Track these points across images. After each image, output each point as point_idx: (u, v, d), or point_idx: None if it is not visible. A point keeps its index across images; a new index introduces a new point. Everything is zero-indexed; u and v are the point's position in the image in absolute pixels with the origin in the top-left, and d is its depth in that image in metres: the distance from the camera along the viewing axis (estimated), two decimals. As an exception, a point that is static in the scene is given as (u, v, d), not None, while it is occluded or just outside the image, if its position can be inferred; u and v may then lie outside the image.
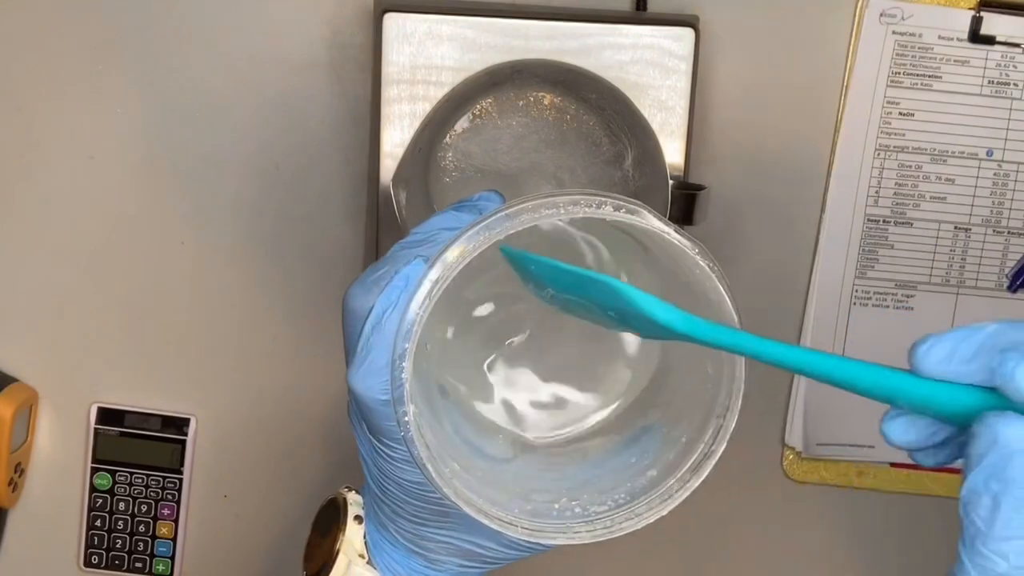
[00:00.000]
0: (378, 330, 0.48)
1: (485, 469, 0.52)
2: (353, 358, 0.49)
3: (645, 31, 0.67)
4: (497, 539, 0.53)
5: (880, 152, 0.74)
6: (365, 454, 0.53)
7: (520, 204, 0.46)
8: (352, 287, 0.51)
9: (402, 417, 0.47)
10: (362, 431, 0.52)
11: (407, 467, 0.51)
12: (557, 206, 0.46)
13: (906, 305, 0.76)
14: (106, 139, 0.74)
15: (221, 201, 0.75)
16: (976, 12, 0.72)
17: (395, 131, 0.67)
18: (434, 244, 0.50)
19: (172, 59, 0.73)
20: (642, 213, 0.46)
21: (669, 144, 0.68)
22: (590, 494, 0.50)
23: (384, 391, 0.48)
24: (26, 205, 0.75)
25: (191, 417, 0.77)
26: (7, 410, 0.74)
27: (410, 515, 0.53)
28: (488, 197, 0.53)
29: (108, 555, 0.79)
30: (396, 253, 0.51)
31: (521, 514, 0.49)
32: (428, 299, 0.46)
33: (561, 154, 0.70)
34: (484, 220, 0.47)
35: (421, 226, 0.52)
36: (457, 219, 0.51)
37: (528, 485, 0.51)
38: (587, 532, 0.49)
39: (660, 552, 0.80)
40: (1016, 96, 0.73)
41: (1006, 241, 0.75)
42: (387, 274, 0.49)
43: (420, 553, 0.55)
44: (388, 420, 0.49)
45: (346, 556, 0.55)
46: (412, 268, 0.48)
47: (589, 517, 0.49)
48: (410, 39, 0.66)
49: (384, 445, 0.50)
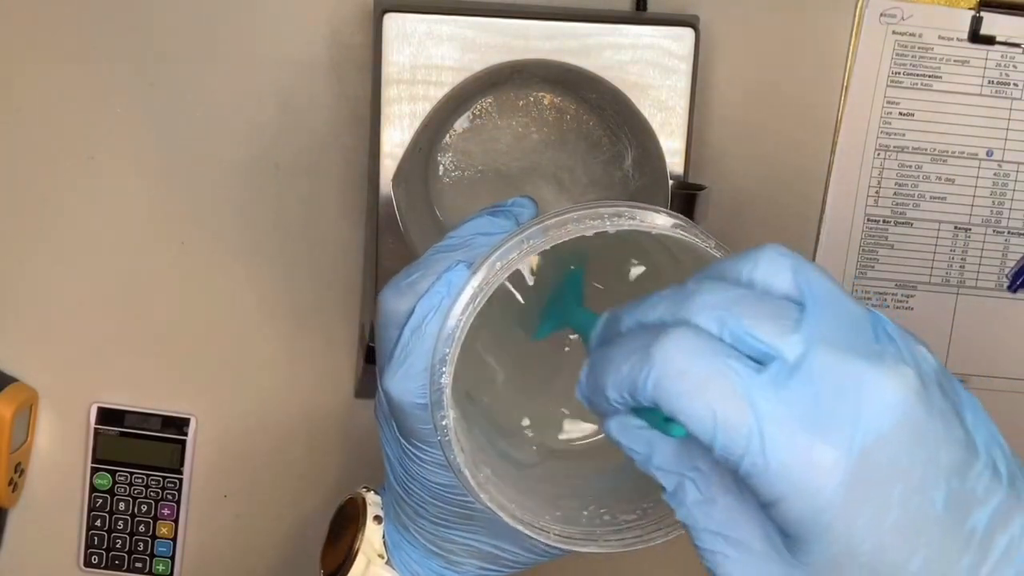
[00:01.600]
0: (418, 334, 0.48)
1: (514, 474, 0.51)
2: (390, 361, 0.49)
3: (645, 31, 0.67)
4: (520, 543, 0.53)
5: (880, 152, 0.74)
6: (391, 454, 0.53)
7: (564, 214, 0.46)
8: (386, 290, 0.50)
9: (440, 421, 0.47)
10: (390, 431, 0.52)
11: (435, 469, 0.50)
12: (602, 217, 0.46)
13: (906, 305, 0.76)
14: (106, 139, 0.74)
15: (221, 201, 0.75)
16: (976, 12, 0.72)
17: (395, 131, 0.67)
18: (470, 249, 0.49)
19: (172, 59, 0.73)
20: (690, 228, 0.46)
21: (669, 144, 0.68)
22: (618, 502, 0.50)
23: (421, 395, 0.48)
24: (26, 205, 0.75)
25: (191, 417, 0.77)
26: (7, 410, 0.74)
27: (433, 516, 0.53)
28: (522, 203, 0.52)
29: (108, 555, 0.79)
30: (431, 257, 0.50)
31: (552, 521, 0.49)
32: (472, 305, 0.46)
33: (561, 154, 0.70)
34: (529, 228, 0.46)
35: (456, 230, 0.51)
36: (493, 224, 0.51)
37: (555, 491, 0.51)
38: (617, 541, 0.49)
39: (660, 552, 0.80)
40: (1016, 96, 0.73)
41: (1006, 241, 0.75)
42: (422, 278, 0.49)
43: (440, 554, 0.54)
44: (422, 423, 0.49)
45: (365, 556, 0.55)
46: (455, 274, 0.48)
47: (619, 525, 0.49)
48: (410, 39, 0.66)
49: (414, 447, 0.50)
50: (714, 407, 0.35)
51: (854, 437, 0.35)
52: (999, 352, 0.77)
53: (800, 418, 0.35)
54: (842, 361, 0.35)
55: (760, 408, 0.35)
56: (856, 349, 0.36)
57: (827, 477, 0.35)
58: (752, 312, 0.37)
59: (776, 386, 0.35)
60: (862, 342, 0.36)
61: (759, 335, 0.36)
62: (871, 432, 0.35)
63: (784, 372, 0.36)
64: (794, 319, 0.36)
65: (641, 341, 0.37)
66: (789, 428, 0.35)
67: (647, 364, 0.37)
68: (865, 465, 0.35)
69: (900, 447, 0.35)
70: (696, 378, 0.36)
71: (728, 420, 0.35)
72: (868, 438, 0.35)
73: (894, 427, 0.35)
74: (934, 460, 0.36)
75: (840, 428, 0.35)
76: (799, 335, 0.36)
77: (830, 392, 0.35)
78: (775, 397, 0.35)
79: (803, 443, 0.35)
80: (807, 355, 0.36)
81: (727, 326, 0.36)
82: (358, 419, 0.78)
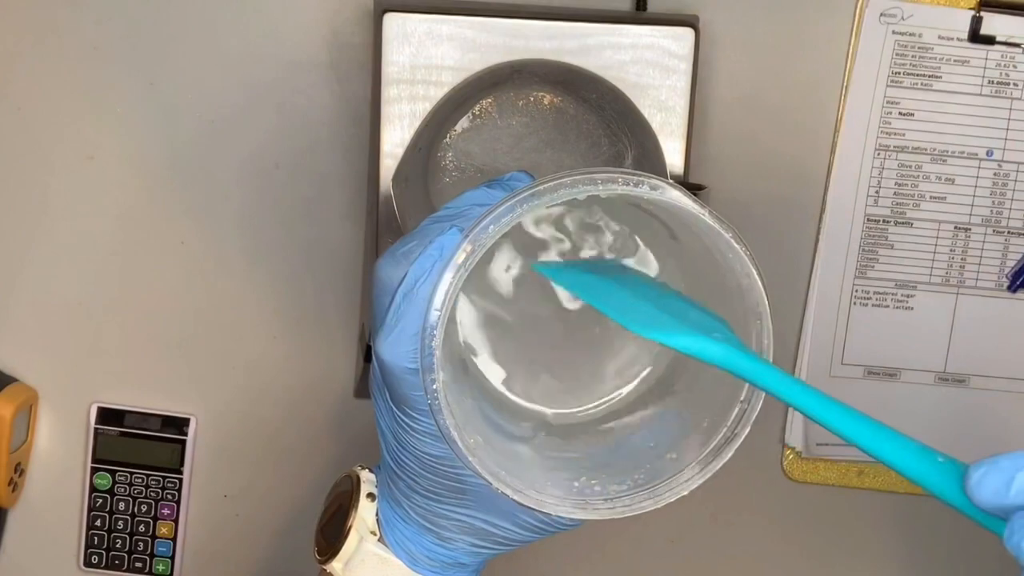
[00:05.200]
0: (409, 298, 0.48)
1: (506, 446, 0.52)
2: (382, 326, 0.49)
3: (645, 31, 0.67)
4: (512, 519, 0.53)
5: (880, 152, 0.74)
6: (384, 426, 0.53)
7: (558, 179, 0.46)
8: (381, 259, 0.50)
9: (430, 385, 0.47)
10: (384, 402, 0.52)
11: (428, 439, 0.50)
12: (595, 182, 0.46)
13: (906, 305, 0.76)
14: (106, 139, 0.74)
15: (221, 201, 0.75)
16: (976, 12, 0.72)
17: (395, 131, 0.67)
18: (466, 218, 0.49)
19: (172, 59, 0.73)
20: (677, 193, 0.46)
21: (669, 144, 0.68)
22: (609, 474, 0.50)
23: (413, 359, 0.48)
24: (26, 205, 0.75)
25: (191, 417, 0.77)
26: (7, 410, 0.74)
27: (425, 490, 0.53)
28: (518, 177, 0.52)
29: (108, 555, 0.79)
30: (427, 227, 0.50)
31: (542, 489, 0.49)
32: (463, 268, 0.46)
33: (561, 154, 0.70)
34: (522, 193, 0.46)
35: (452, 201, 0.51)
36: (489, 195, 0.51)
37: (548, 464, 0.51)
38: (607, 509, 0.49)
39: (659, 551, 0.80)
40: (1016, 96, 0.73)
41: (1006, 241, 0.75)
42: (418, 247, 0.49)
43: (433, 531, 0.55)
44: (414, 389, 0.49)
45: (358, 533, 0.55)
46: (447, 238, 0.48)
47: (608, 495, 0.49)
48: (410, 39, 0.66)
49: (406, 416, 0.50)
50: None
51: None
52: (999, 352, 0.77)
53: None
54: None
55: None
56: None
57: None
58: None
59: None
60: None
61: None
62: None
63: None
64: None
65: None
66: None
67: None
68: None
69: None
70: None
71: None
72: None
73: None
74: None
75: None
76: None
77: None
78: None
79: None
80: None
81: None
82: (358, 419, 0.78)
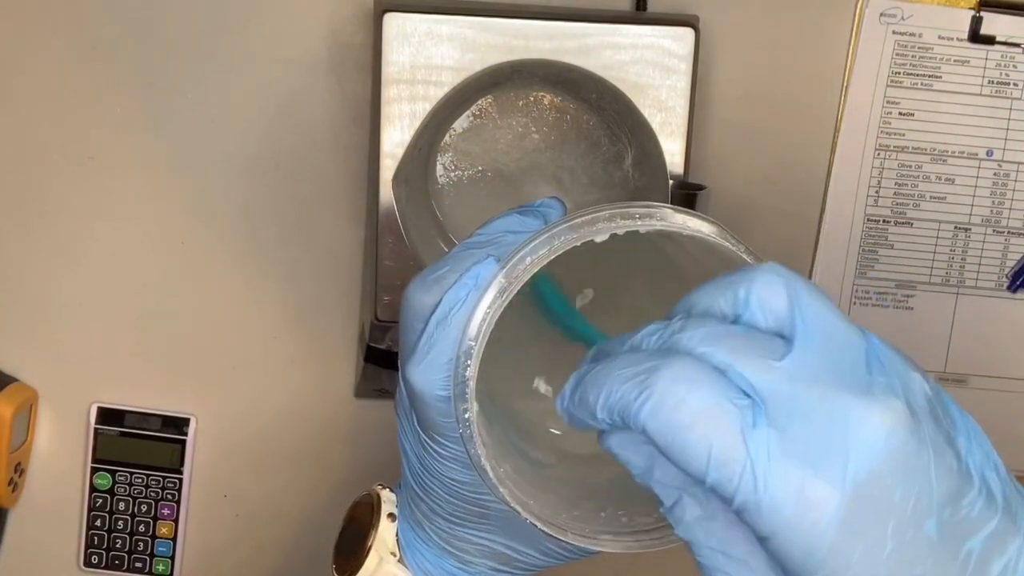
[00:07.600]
0: (443, 326, 0.48)
1: (532, 473, 0.51)
2: (414, 353, 0.49)
3: (645, 31, 0.67)
4: (535, 545, 0.53)
5: (880, 152, 0.74)
6: (409, 448, 0.53)
7: (594, 213, 0.46)
8: (412, 285, 0.50)
9: (463, 415, 0.46)
10: (410, 426, 0.51)
11: (454, 465, 0.50)
12: (632, 217, 0.45)
13: (906, 305, 0.76)
14: (106, 139, 0.74)
15: (221, 201, 0.75)
16: (976, 12, 0.72)
17: (395, 131, 0.67)
18: (498, 246, 0.49)
19: (172, 59, 0.73)
20: (723, 230, 0.46)
21: (669, 144, 0.68)
22: (636, 505, 0.49)
23: (444, 387, 0.48)
24: (26, 205, 0.75)
25: (191, 417, 0.77)
26: (7, 410, 0.74)
27: (448, 514, 0.53)
28: (550, 204, 0.52)
29: (108, 555, 0.79)
30: (459, 253, 0.50)
31: (569, 519, 0.48)
32: (500, 299, 0.46)
33: (561, 154, 0.70)
34: (559, 226, 0.46)
35: (484, 227, 0.51)
36: (522, 223, 0.50)
37: (572, 492, 0.51)
38: (635, 541, 0.49)
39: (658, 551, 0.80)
40: (1016, 96, 0.73)
41: (1006, 241, 0.75)
42: (450, 272, 0.49)
43: (454, 554, 0.54)
44: (444, 416, 0.48)
45: (377, 553, 0.55)
46: (483, 267, 0.48)
47: (636, 527, 0.49)
48: (410, 39, 0.66)
49: (434, 441, 0.50)
50: (711, 441, 0.35)
51: (845, 473, 0.35)
52: (999, 352, 0.77)
53: (791, 455, 0.35)
54: (830, 397, 0.36)
55: (751, 444, 0.35)
56: (845, 382, 0.36)
57: (820, 514, 0.35)
58: (740, 346, 0.37)
59: (767, 423, 0.36)
60: (852, 374, 0.36)
61: (746, 372, 0.36)
62: (862, 468, 0.35)
63: (776, 409, 0.36)
64: (781, 352, 0.36)
65: (639, 366, 0.37)
66: (780, 465, 0.35)
67: (645, 390, 0.37)
68: (857, 500, 0.35)
69: (892, 481, 0.35)
70: (694, 410, 0.36)
71: (723, 455, 0.35)
72: (859, 474, 0.35)
73: (884, 461, 0.35)
74: (927, 491, 0.36)
75: (831, 465, 0.35)
76: (785, 370, 0.36)
77: (820, 429, 0.35)
78: (766, 434, 0.35)
79: (795, 481, 0.35)
80: (795, 392, 0.36)
81: (718, 360, 0.37)
82: (358, 418, 0.78)
